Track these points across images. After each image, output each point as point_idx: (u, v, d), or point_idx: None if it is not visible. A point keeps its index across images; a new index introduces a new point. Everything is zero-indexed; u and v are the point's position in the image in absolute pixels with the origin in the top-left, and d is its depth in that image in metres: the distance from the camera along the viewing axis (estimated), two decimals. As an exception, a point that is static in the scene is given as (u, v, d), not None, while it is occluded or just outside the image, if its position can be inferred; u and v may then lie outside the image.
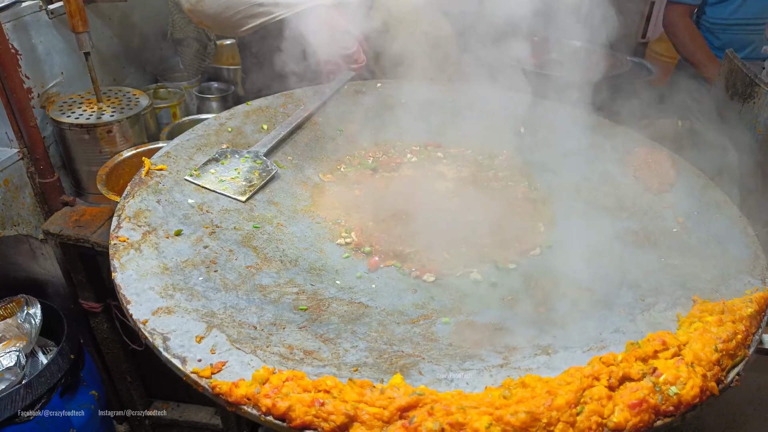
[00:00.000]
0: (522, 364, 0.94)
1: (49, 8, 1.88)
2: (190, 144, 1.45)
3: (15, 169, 1.85)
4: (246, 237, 1.22)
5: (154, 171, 1.31)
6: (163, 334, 0.92)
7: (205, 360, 0.88)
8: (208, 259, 1.12)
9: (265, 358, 0.91)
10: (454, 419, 0.78)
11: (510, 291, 1.17)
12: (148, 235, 1.13)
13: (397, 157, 1.58)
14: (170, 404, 2.37)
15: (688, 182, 1.46)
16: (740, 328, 0.96)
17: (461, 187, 1.44)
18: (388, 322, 1.05)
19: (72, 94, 1.99)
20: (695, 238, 1.28)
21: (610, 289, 1.15)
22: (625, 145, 1.62)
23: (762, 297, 1.04)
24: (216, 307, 1.01)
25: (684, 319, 1.02)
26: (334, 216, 1.36)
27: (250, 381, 0.85)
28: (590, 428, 0.80)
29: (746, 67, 1.84)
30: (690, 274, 1.17)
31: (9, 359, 1.82)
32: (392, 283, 1.17)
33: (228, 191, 1.32)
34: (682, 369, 0.87)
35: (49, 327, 1.99)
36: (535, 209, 1.40)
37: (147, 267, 1.06)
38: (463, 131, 1.64)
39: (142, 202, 1.21)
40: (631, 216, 1.37)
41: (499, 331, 1.05)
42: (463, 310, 1.11)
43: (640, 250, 1.25)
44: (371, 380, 0.86)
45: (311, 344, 0.96)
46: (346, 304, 1.09)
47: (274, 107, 1.67)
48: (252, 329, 0.97)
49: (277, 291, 1.09)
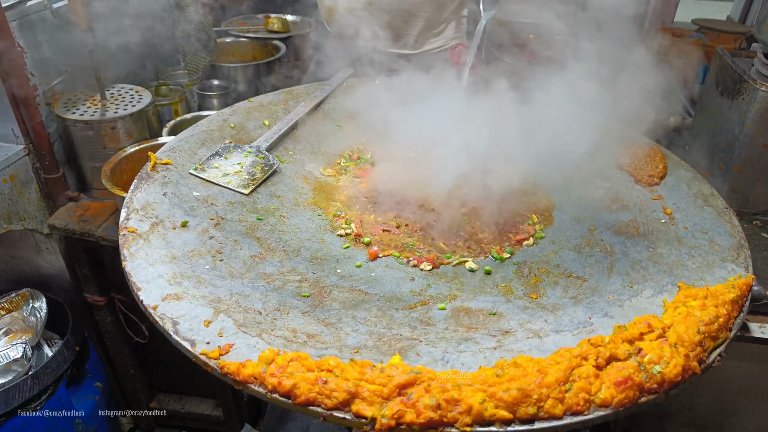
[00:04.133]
0: (515, 347, 0.99)
1: (53, 7, 1.91)
2: (194, 139, 1.49)
3: (21, 165, 1.89)
4: (250, 228, 1.26)
5: (160, 165, 1.36)
6: (172, 318, 0.96)
7: (213, 342, 0.93)
8: (213, 249, 1.17)
9: (270, 340, 0.95)
10: (449, 395, 0.83)
11: (504, 279, 1.22)
12: (155, 227, 1.18)
13: (395, 152, 1.62)
14: (172, 396, 2.41)
15: (677, 175, 1.51)
16: (722, 311, 1.00)
17: (457, 181, 1.48)
18: (387, 308, 1.10)
19: (76, 92, 2.03)
20: (683, 229, 1.32)
21: (600, 277, 1.20)
22: (616, 139, 1.67)
23: (744, 283, 1.09)
24: (222, 293, 1.05)
25: (669, 304, 1.06)
26: (335, 208, 1.41)
27: (256, 362, 0.89)
28: (578, 404, 0.85)
29: (735, 64, 1.88)
30: (677, 262, 1.22)
31: (16, 351, 1.85)
32: (391, 272, 1.22)
33: (232, 184, 1.36)
34: (665, 349, 0.91)
35: (54, 320, 2.03)
36: (529, 201, 1.45)
37: (155, 256, 1.10)
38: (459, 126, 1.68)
39: (149, 195, 1.26)
40: (622, 208, 1.42)
41: (493, 317, 1.09)
42: (458, 297, 1.15)
43: (630, 241, 1.30)
44: (371, 360, 0.91)
45: (314, 328, 1.01)
46: (346, 291, 1.14)
47: (275, 103, 1.72)
48: (257, 314, 1.02)
49: (280, 279, 1.13)
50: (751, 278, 1.13)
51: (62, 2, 1.95)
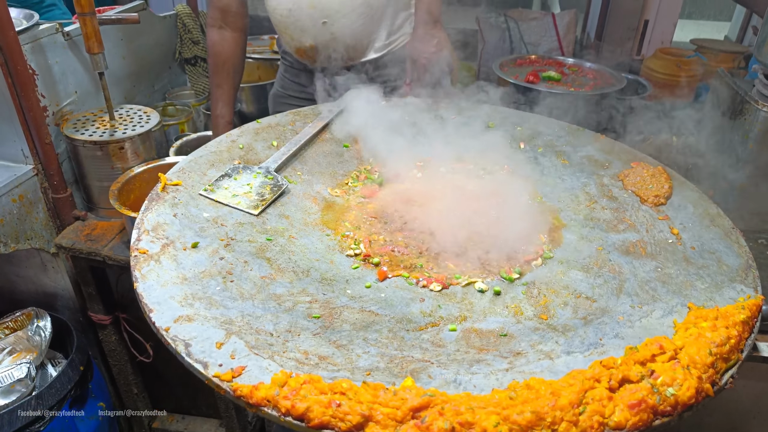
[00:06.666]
0: (526, 368, 0.99)
1: (65, 30, 1.94)
2: (204, 160, 1.50)
3: (29, 184, 1.90)
4: (260, 249, 1.27)
5: (170, 186, 1.36)
6: (185, 340, 0.97)
7: (225, 365, 0.93)
8: (224, 270, 1.17)
9: (282, 362, 0.95)
10: (463, 419, 0.83)
11: (513, 300, 1.22)
12: (166, 248, 1.18)
13: (403, 172, 1.63)
14: (176, 416, 2.40)
15: (683, 195, 1.52)
16: (733, 333, 1.01)
17: (465, 201, 1.49)
18: (398, 329, 1.10)
19: (85, 112, 2.05)
20: (690, 249, 1.33)
21: (610, 297, 1.20)
22: (621, 159, 1.68)
23: (754, 304, 1.09)
24: (234, 315, 1.05)
25: (680, 325, 1.07)
26: (343, 228, 1.41)
27: (269, 384, 0.89)
28: (592, 427, 0.85)
29: (737, 85, 1.91)
30: (685, 283, 1.22)
31: (20, 371, 1.85)
32: (400, 293, 1.22)
33: (241, 205, 1.37)
34: (678, 371, 0.91)
35: (59, 339, 2.02)
36: (537, 221, 1.45)
37: (167, 277, 1.10)
38: (466, 146, 1.69)
39: (159, 216, 1.26)
40: (629, 228, 1.43)
41: (504, 338, 1.09)
42: (468, 318, 1.16)
43: (638, 261, 1.31)
44: (384, 383, 0.91)
45: (325, 350, 1.01)
46: (357, 312, 1.14)
47: (283, 124, 1.73)
48: (269, 336, 1.02)
49: (291, 300, 1.14)
50: (761, 299, 1.13)
51: (74, 26, 1.98)
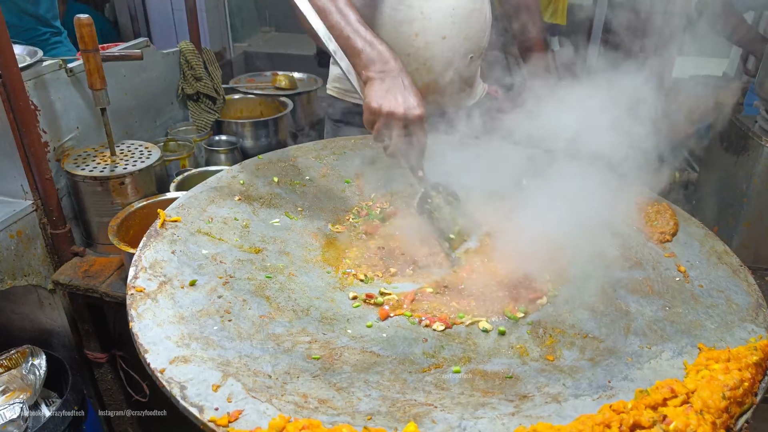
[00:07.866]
0: (533, 412, 0.95)
1: (68, 66, 1.96)
2: (204, 196, 1.49)
3: (28, 220, 1.88)
4: (259, 287, 1.25)
5: (169, 222, 1.35)
6: (180, 382, 0.94)
7: (221, 408, 0.90)
8: (222, 309, 1.15)
9: (280, 406, 0.92)
10: (469, 467, 0.79)
11: (518, 340, 1.19)
12: (164, 285, 1.16)
13: (404, 208, 1.62)
14: (171, 458, 2.33)
15: (689, 232, 1.50)
16: (746, 375, 0.97)
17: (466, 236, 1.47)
18: (400, 371, 1.07)
19: (86, 147, 2.05)
20: (698, 287, 1.30)
21: (617, 337, 1.17)
22: (625, 196, 1.67)
23: (766, 345, 1.06)
24: (231, 355, 1.02)
25: (691, 367, 1.03)
26: (344, 266, 1.39)
27: (266, 429, 0.86)
28: (604, 476, 0.81)
29: (739, 122, 1.91)
30: (695, 322, 1.19)
31: (12, 411, 1.80)
32: (402, 333, 1.19)
33: None
34: (691, 416, 0.88)
35: (53, 378, 1.98)
36: (541, 259, 1.43)
37: (163, 316, 1.08)
38: (468, 183, 1.68)
39: (158, 253, 1.25)
40: (635, 265, 1.40)
41: (510, 380, 1.06)
42: (473, 359, 1.12)
43: (645, 299, 1.28)
44: (385, 429, 0.87)
45: (325, 393, 0.98)
46: (358, 353, 1.11)
47: (284, 160, 1.73)
48: (267, 378, 0.99)
49: (290, 340, 1.11)
50: (773, 340, 1.10)
51: (77, 62, 2.00)
